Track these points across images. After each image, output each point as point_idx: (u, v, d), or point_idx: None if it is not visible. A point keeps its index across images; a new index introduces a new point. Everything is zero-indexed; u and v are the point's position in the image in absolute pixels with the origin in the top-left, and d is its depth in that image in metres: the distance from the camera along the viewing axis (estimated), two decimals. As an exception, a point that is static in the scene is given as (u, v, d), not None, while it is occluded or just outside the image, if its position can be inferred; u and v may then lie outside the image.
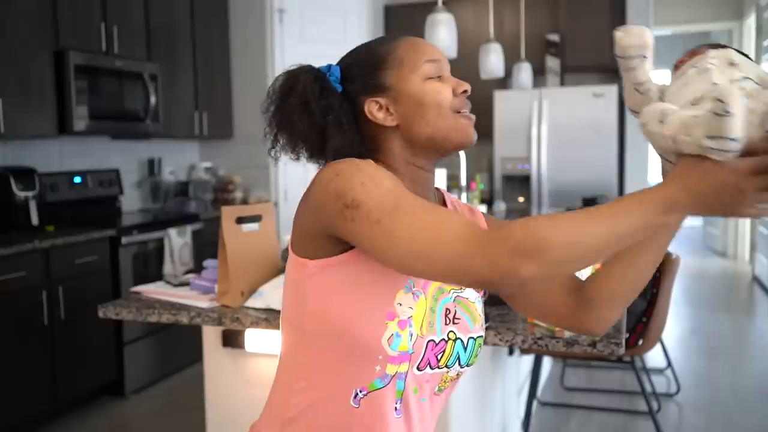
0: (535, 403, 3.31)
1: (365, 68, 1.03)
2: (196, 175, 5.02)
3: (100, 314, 1.93)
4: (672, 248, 3.17)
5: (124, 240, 3.63)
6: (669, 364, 3.74)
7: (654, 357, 4.07)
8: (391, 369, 0.97)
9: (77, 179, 3.96)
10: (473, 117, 1.04)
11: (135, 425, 3.41)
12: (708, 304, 5.71)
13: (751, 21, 6.89)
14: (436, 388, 1.04)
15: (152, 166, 4.64)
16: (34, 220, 3.52)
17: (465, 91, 1.03)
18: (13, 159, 3.66)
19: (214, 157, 5.20)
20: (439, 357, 1.00)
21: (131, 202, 4.54)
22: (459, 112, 1.02)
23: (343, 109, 1.02)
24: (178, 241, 3.90)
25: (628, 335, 2.60)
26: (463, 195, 3.30)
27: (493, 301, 1.76)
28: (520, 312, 1.72)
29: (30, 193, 3.51)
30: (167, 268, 3.83)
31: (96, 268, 3.50)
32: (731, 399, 3.55)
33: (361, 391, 0.98)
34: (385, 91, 1.01)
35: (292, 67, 1.05)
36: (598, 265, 1.13)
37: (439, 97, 1.00)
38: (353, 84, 1.03)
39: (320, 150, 1.03)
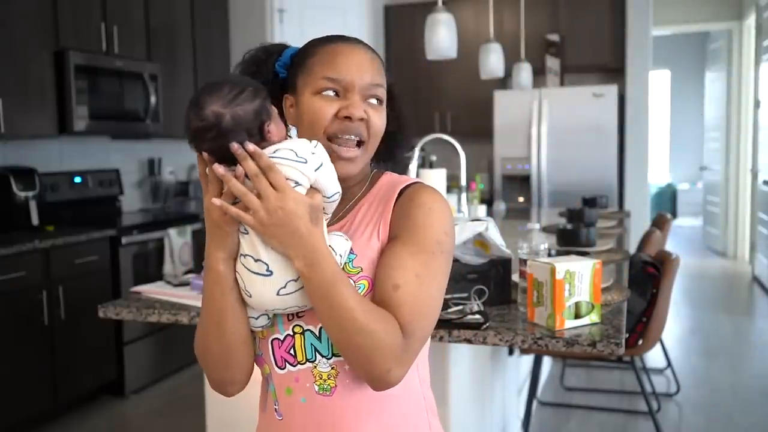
0: (535, 403, 3.31)
1: (296, 64, 1.06)
2: (196, 175, 5.01)
3: (100, 314, 1.93)
4: (672, 248, 3.17)
5: (124, 240, 3.63)
6: (669, 364, 3.74)
7: (654, 357, 4.07)
8: (264, 371, 1.06)
9: (77, 179, 3.96)
10: (346, 151, 0.99)
11: (135, 425, 3.41)
12: (708, 304, 5.70)
13: (751, 21, 6.89)
14: (316, 387, 1.00)
15: (152, 166, 4.64)
16: (34, 220, 3.52)
17: (348, 117, 0.98)
18: (13, 159, 3.66)
19: (214, 157, 5.20)
20: (291, 353, 1.00)
21: (131, 202, 4.54)
22: (335, 138, 0.99)
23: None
24: (178, 241, 3.90)
25: (627, 335, 2.60)
26: (463, 195, 3.29)
27: (493, 301, 1.77)
28: (518, 313, 1.72)
29: (30, 193, 3.51)
30: (167, 268, 3.83)
31: (96, 268, 3.50)
32: (731, 399, 3.55)
33: (267, 394, 1.08)
34: (295, 92, 1.04)
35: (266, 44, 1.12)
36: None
37: (314, 117, 1.00)
38: (289, 74, 1.07)
39: None
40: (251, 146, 0.89)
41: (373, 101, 1.02)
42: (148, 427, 3.36)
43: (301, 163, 0.92)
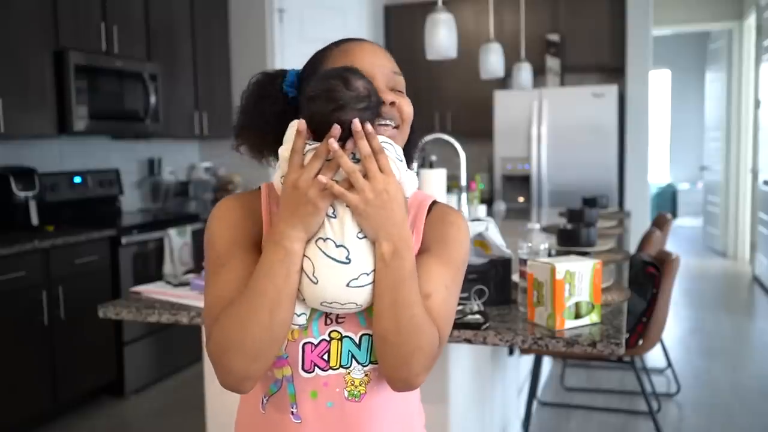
0: (535, 403, 3.31)
1: (309, 77, 1.01)
2: (196, 175, 5.02)
3: (100, 314, 1.93)
4: (672, 248, 3.17)
5: (124, 240, 3.63)
6: (669, 364, 3.74)
7: (654, 357, 4.07)
8: (278, 373, 1.01)
9: (77, 179, 3.96)
10: (384, 131, 0.99)
11: (135, 425, 3.41)
12: (708, 304, 5.70)
13: (751, 21, 6.89)
14: (346, 393, 0.99)
15: (152, 166, 4.64)
16: (34, 220, 3.52)
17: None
18: (13, 159, 3.66)
19: (214, 157, 5.20)
20: (325, 358, 0.99)
21: (131, 202, 4.54)
22: None
23: (269, 112, 1.03)
24: (178, 241, 3.90)
25: (628, 335, 2.60)
26: (463, 195, 3.29)
27: (493, 301, 1.77)
28: (518, 313, 1.72)
29: (30, 193, 3.51)
30: (167, 268, 3.83)
31: (96, 268, 3.50)
32: (731, 399, 3.55)
33: (264, 397, 1.03)
34: None
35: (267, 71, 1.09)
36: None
37: None
38: (301, 93, 1.01)
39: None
40: (369, 127, 0.91)
41: (398, 90, 1.02)
42: (148, 427, 3.36)
43: (399, 161, 0.96)
